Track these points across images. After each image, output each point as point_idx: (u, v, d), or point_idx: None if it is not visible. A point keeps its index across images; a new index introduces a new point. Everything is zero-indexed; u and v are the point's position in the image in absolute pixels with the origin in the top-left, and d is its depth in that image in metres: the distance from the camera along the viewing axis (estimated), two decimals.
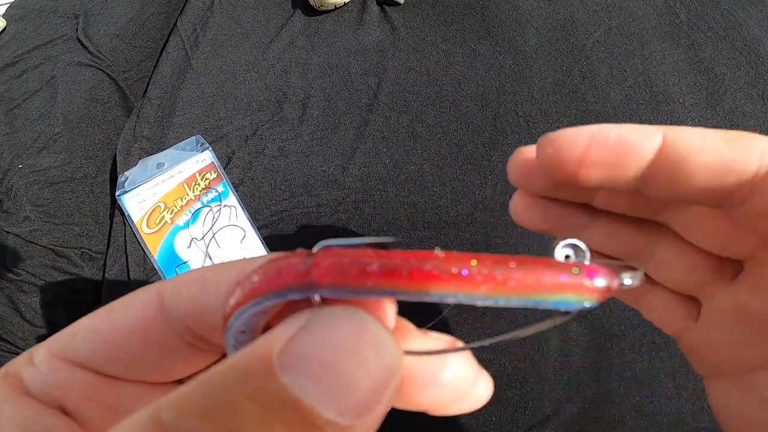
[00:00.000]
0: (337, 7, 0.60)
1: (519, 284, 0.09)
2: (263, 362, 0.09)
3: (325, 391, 0.09)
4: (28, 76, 0.58)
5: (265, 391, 0.09)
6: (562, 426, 0.41)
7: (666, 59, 0.55)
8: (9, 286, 0.47)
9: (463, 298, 0.10)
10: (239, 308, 0.11)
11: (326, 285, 0.10)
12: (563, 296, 0.10)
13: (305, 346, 0.09)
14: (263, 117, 0.55)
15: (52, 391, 0.13)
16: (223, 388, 0.09)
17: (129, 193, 0.50)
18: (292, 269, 0.10)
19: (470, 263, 0.09)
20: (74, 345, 0.14)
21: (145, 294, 0.14)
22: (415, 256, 0.09)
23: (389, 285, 0.09)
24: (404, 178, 0.51)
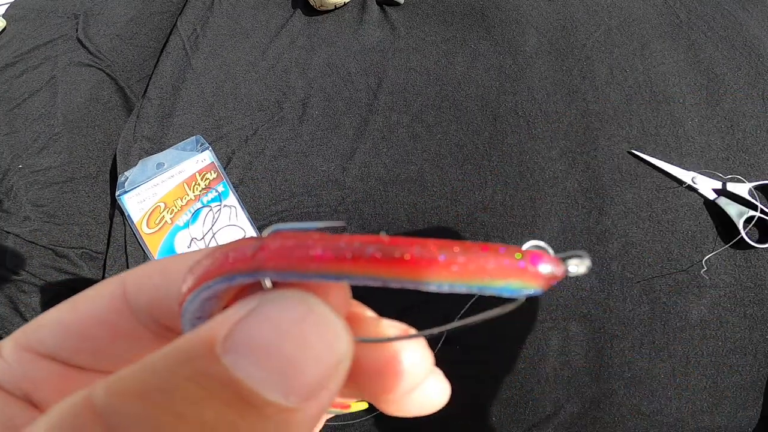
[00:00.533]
0: (337, 7, 0.60)
1: (462, 269, 0.09)
2: (206, 344, 0.09)
3: (266, 373, 0.09)
4: (28, 76, 0.58)
5: (206, 373, 0.09)
6: (562, 426, 0.41)
7: (666, 59, 0.55)
8: (9, 286, 0.47)
9: (407, 282, 0.09)
10: (191, 293, 0.11)
11: (272, 268, 0.10)
12: (507, 282, 0.10)
13: (250, 329, 0.09)
14: (263, 117, 0.55)
15: (20, 383, 0.13)
16: (162, 369, 0.09)
17: (129, 193, 0.50)
18: (240, 253, 0.10)
19: (413, 248, 0.09)
20: (40, 337, 0.14)
21: (110, 285, 0.14)
22: (359, 240, 0.09)
23: (333, 268, 0.09)
24: (404, 178, 0.51)
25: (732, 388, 0.42)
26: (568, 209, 0.48)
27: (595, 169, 0.50)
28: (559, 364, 0.43)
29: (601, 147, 0.51)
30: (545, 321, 0.44)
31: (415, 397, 0.13)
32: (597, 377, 0.42)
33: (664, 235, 0.47)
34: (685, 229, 0.47)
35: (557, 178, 0.50)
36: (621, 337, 0.43)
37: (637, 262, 0.46)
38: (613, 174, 0.50)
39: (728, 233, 0.47)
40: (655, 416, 0.41)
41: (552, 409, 0.42)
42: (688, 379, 0.42)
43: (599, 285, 0.45)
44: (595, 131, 0.52)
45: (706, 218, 0.48)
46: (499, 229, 0.48)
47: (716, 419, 0.41)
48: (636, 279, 0.45)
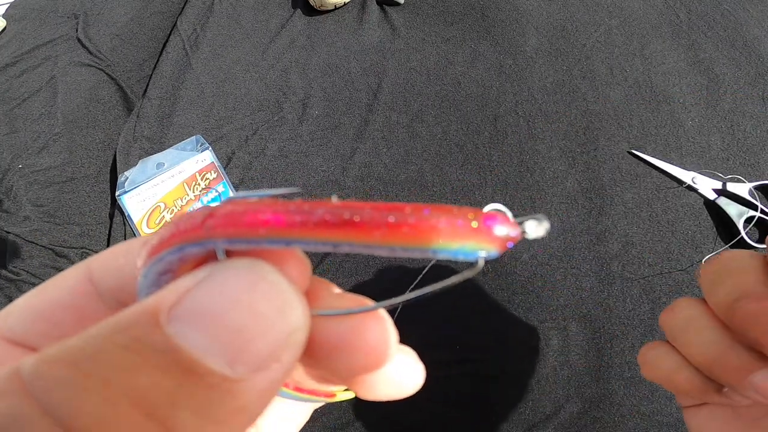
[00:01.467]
0: (337, 7, 0.60)
1: (413, 230, 0.09)
2: (149, 314, 0.09)
3: (211, 341, 0.08)
4: (28, 76, 0.58)
5: (143, 341, 0.08)
6: (562, 426, 0.41)
7: (666, 59, 0.55)
8: (9, 286, 0.47)
9: (358, 246, 0.09)
10: (144, 267, 0.10)
11: (221, 235, 0.09)
12: (461, 244, 0.09)
13: (198, 298, 0.09)
14: (263, 117, 0.55)
15: None
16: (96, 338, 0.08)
17: (129, 193, 0.50)
18: (190, 222, 0.09)
19: (363, 210, 0.09)
20: (9, 323, 0.13)
21: (76, 270, 0.13)
22: (308, 204, 0.09)
23: (283, 233, 0.09)
24: (404, 178, 0.51)
25: None
26: (568, 209, 0.48)
27: (595, 169, 0.50)
28: (559, 364, 0.43)
29: (601, 147, 0.51)
30: (545, 321, 0.44)
31: (385, 376, 0.12)
32: (597, 377, 0.42)
33: (664, 235, 0.47)
34: (685, 229, 0.47)
35: (557, 178, 0.50)
36: (621, 337, 0.43)
37: (637, 262, 0.46)
38: (613, 174, 0.50)
39: (728, 233, 0.47)
40: (655, 416, 0.41)
41: (552, 409, 0.42)
42: None
43: (599, 285, 0.45)
44: (595, 131, 0.52)
45: (706, 218, 0.48)
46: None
47: None
48: (636, 279, 0.45)
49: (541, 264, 0.46)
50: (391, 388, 0.12)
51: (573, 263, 0.46)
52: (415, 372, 0.13)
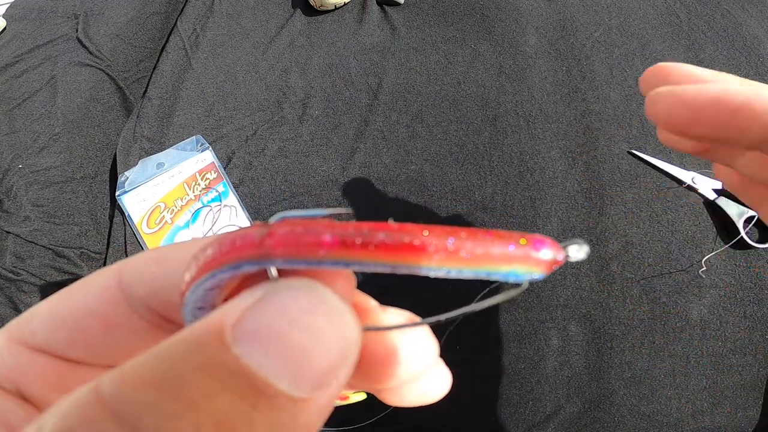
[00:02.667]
0: (337, 7, 0.60)
1: (469, 254, 0.10)
2: (215, 334, 0.09)
3: (277, 362, 0.09)
4: (28, 76, 0.58)
5: (216, 362, 0.09)
6: (562, 426, 0.41)
7: (666, 59, 0.55)
8: (9, 286, 0.47)
9: (416, 268, 0.10)
10: (195, 282, 0.10)
11: (280, 255, 0.09)
12: (512, 267, 0.10)
13: (259, 318, 0.09)
14: (263, 117, 0.55)
15: (12, 376, 0.13)
16: (172, 359, 0.09)
17: (129, 193, 0.50)
18: (247, 240, 0.10)
19: (422, 233, 0.09)
20: (32, 329, 0.13)
21: (104, 275, 0.13)
22: (368, 227, 0.09)
23: (342, 255, 0.09)
24: (404, 178, 0.51)
25: (732, 388, 0.42)
26: (568, 209, 0.48)
27: (595, 169, 0.50)
28: (559, 364, 0.43)
29: (601, 147, 0.51)
30: (545, 321, 0.44)
31: (418, 386, 0.13)
32: (597, 377, 0.42)
33: (664, 235, 0.47)
34: (685, 229, 0.47)
35: (557, 178, 0.50)
36: (621, 337, 0.43)
37: (637, 262, 0.46)
38: (613, 174, 0.50)
39: (728, 233, 0.47)
40: (655, 416, 0.41)
41: (552, 409, 0.42)
42: (688, 379, 0.42)
43: (599, 285, 0.45)
44: (595, 131, 0.52)
45: (706, 218, 0.48)
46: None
47: (716, 419, 0.41)
48: (636, 279, 0.45)
49: None
50: (422, 395, 0.13)
51: (573, 263, 0.46)
52: (445, 381, 0.13)
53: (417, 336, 0.12)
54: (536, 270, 0.10)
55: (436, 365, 0.13)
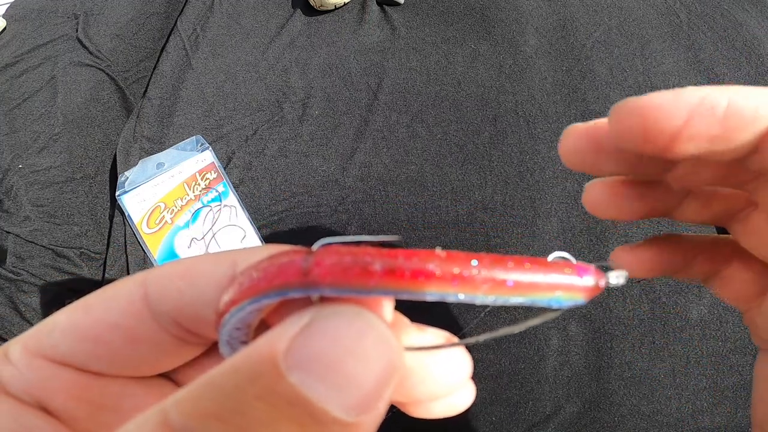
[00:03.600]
0: (337, 7, 0.60)
1: (516, 284, 0.10)
2: (270, 362, 0.09)
3: (331, 390, 0.09)
4: (28, 76, 0.58)
5: (274, 391, 0.09)
6: (562, 426, 0.41)
7: (666, 59, 0.55)
8: (9, 286, 0.47)
9: (464, 297, 0.10)
10: (236, 305, 0.11)
11: (328, 284, 0.09)
12: (556, 295, 0.10)
13: (311, 346, 0.09)
14: (263, 117, 0.55)
15: (33, 390, 0.13)
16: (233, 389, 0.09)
17: (129, 193, 0.50)
18: (293, 268, 0.10)
19: (471, 263, 0.10)
20: (52, 342, 0.13)
21: (127, 287, 0.13)
22: (417, 256, 0.10)
23: (392, 285, 0.09)
24: (404, 178, 0.51)
25: (732, 388, 0.42)
26: (568, 209, 0.48)
27: None
28: (559, 364, 0.43)
29: None
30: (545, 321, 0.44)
31: (447, 400, 0.13)
32: (597, 377, 0.42)
33: None
34: (685, 228, 0.47)
35: (557, 178, 0.50)
36: (621, 337, 0.43)
37: None
38: None
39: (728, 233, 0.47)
40: (655, 416, 0.41)
41: (552, 409, 0.42)
42: (688, 379, 0.42)
43: None
44: None
45: None
46: (499, 228, 0.48)
47: (716, 419, 0.41)
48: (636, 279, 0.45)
49: None
50: (449, 409, 0.13)
51: None
52: (470, 395, 0.14)
53: (453, 355, 0.13)
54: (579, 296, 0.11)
55: (467, 381, 0.13)
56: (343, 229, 0.49)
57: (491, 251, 0.48)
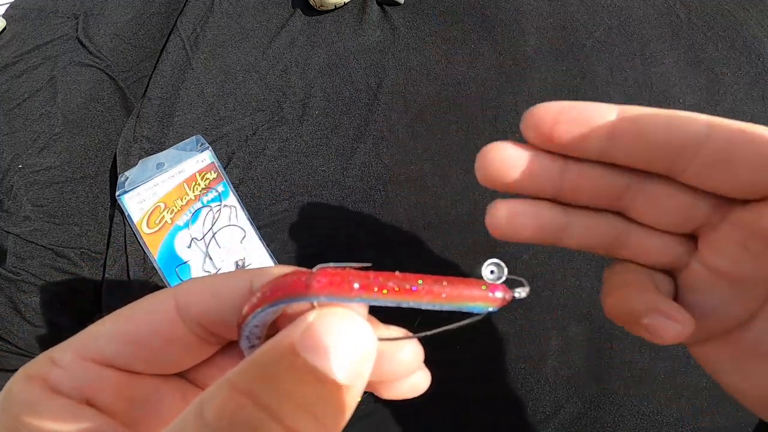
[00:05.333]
0: (337, 7, 0.60)
1: (448, 296, 0.15)
2: (289, 347, 0.14)
3: (331, 362, 0.13)
4: (28, 76, 0.58)
5: (296, 365, 0.13)
6: (562, 426, 0.41)
7: (666, 59, 0.55)
8: (9, 286, 0.47)
9: (412, 304, 0.15)
10: (257, 309, 0.15)
11: (324, 294, 0.14)
12: (476, 304, 0.15)
13: (317, 335, 0.14)
14: (263, 117, 0.55)
15: (82, 389, 0.16)
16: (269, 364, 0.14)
17: (129, 193, 0.50)
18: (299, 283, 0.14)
19: (418, 282, 0.15)
20: (98, 347, 0.16)
21: (163, 299, 0.17)
22: (382, 276, 0.14)
23: (365, 296, 0.14)
24: (404, 178, 0.51)
25: None
26: None
27: None
28: (559, 364, 0.43)
29: None
30: (545, 321, 0.44)
31: (408, 382, 0.18)
32: (597, 377, 0.42)
33: None
34: None
35: None
36: (621, 337, 0.43)
37: None
38: None
39: None
40: (655, 416, 0.41)
41: (552, 409, 0.42)
42: (688, 379, 0.42)
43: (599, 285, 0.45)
44: None
45: None
46: None
47: (716, 419, 0.41)
48: None
49: (541, 264, 0.46)
50: (409, 390, 0.18)
51: (573, 263, 0.46)
52: (426, 380, 0.18)
53: (410, 345, 0.17)
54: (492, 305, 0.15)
55: (422, 367, 0.18)
56: (343, 229, 0.49)
57: (492, 251, 0.48)
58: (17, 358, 0.46)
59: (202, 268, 0.49)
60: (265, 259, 0.49)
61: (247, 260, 0.49)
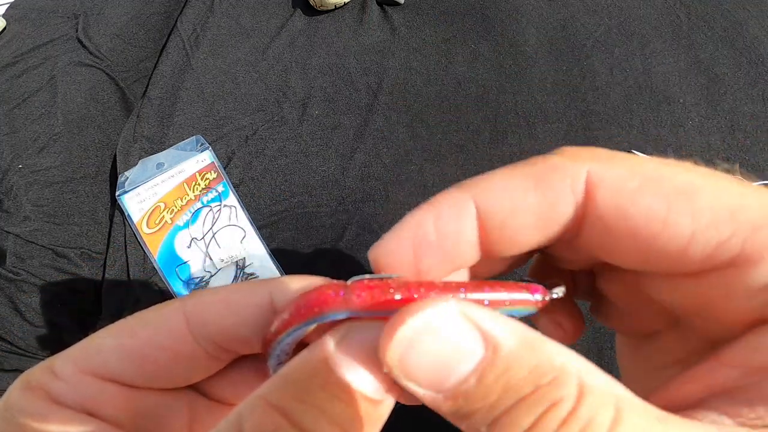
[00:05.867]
0: (337, 7, 0.60)
1: (490, 302, 0.14)
2: (324, 362, 0.13)
3: (363, 378, 0.13)
4: (28, 76, 0.58)
5: (329, 382, 0.13)
6: None
7: (666, 59, 0.55)
8: (9, 286, 0.47)
9: None
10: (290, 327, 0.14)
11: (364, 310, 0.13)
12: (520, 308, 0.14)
13: (348, 351, 0.13)
14: (263, 117, 0.55)
15: (84, 403, 0.15)
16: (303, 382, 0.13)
17: (129, 193, 0.50)
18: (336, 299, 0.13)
19: (460, 290, 0.13)
20: (101, 361, 0.16)
21: (169, 312, 0.16)
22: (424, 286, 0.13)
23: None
24: (404, 178, 0.51)
25: None
26: None
27: None
28: None
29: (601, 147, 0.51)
30: None
31: None
32: None
33: None
34: None
35: None
36: None
37: None
38: None
39: None
40: None
41: None
42: None
43: None
44: (595, 131, 0.52)
45: None
46: None
47: None
48: None
49: None
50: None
51: None
52: None
53: None
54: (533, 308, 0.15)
55: None
56: (343, 229, 0.49)
57: None
58: (17, 358, 0.46)
59: (203, 268, 0.49)
60: (265, 259, 0.49)
61: (247, 260, 0.49)
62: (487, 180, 0.16)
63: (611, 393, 0.12)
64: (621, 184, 0.15)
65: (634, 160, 0.16)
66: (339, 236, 0.49)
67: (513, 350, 0.12)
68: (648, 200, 0.14)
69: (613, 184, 0.15)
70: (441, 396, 0.12)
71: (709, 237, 0.14)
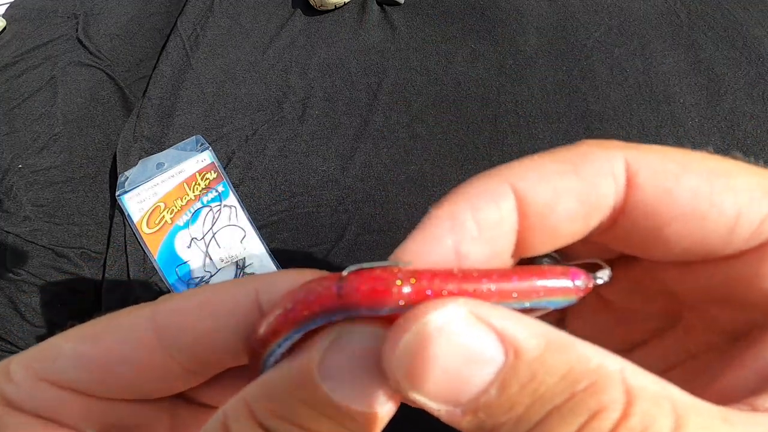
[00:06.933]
0: (337, 7, 0.60)
1: (519, 294, 0.11)
2: (308, 373, 0.11)
3: (354, 392, 0.11)
4: (28, 76, 0.58)
5: (314, 397, 0.11)
6: None
7: (666, 59, 0.55)
8: (9, 286, 0.47)
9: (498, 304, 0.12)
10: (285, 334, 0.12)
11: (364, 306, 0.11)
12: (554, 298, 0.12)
13: (336, 360, 0.11)
14: (263, 117, 0.55)
15: (41, 409, 0.14)
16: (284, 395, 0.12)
17: (129, 193, 0.50)
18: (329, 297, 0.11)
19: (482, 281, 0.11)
20: (58, 369, 0.14)
21: (135, 320, 0.14)
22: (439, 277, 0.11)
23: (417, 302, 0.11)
24: (404, 178, 0.51)
25: None
26: None
27: None
28: None
29: None
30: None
31: None
32: None
33: None
34: None
35: None
36: None
37: None
38: None
39: None
40: None
41: None
42: None
43: None
44: (595, 131, 0.52)
45: None
46: None
47: None
48: None
49: None
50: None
51: None
52: None
53: None
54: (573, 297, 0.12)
55: None
56: (343, 229, 0.49)
57: None
58: None
59: (203, 268, 0.49)
60: (265, 259, 0.49)
61: (247, 260, 0.49)
62: (521, 165, 0.14)
63: (665, 395, 0.10)
64: (662, 167, 0.13)
65: (660, 147, 0.14)
66: (339, 236, 0.49)
67: (538, 354, 0.10)
68: (693, 180, 0.13)
69: (655, 167, 0.13)
70: (459, 410, 0.11)
71: (753, 214, 0.13)
